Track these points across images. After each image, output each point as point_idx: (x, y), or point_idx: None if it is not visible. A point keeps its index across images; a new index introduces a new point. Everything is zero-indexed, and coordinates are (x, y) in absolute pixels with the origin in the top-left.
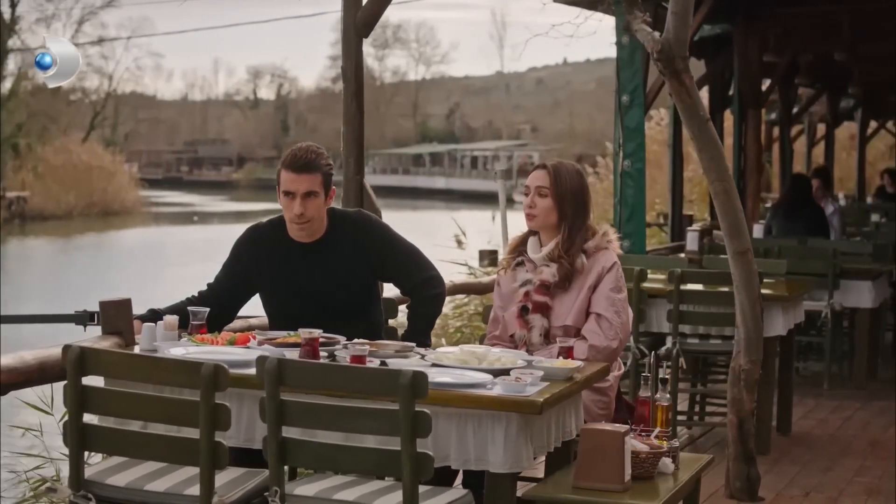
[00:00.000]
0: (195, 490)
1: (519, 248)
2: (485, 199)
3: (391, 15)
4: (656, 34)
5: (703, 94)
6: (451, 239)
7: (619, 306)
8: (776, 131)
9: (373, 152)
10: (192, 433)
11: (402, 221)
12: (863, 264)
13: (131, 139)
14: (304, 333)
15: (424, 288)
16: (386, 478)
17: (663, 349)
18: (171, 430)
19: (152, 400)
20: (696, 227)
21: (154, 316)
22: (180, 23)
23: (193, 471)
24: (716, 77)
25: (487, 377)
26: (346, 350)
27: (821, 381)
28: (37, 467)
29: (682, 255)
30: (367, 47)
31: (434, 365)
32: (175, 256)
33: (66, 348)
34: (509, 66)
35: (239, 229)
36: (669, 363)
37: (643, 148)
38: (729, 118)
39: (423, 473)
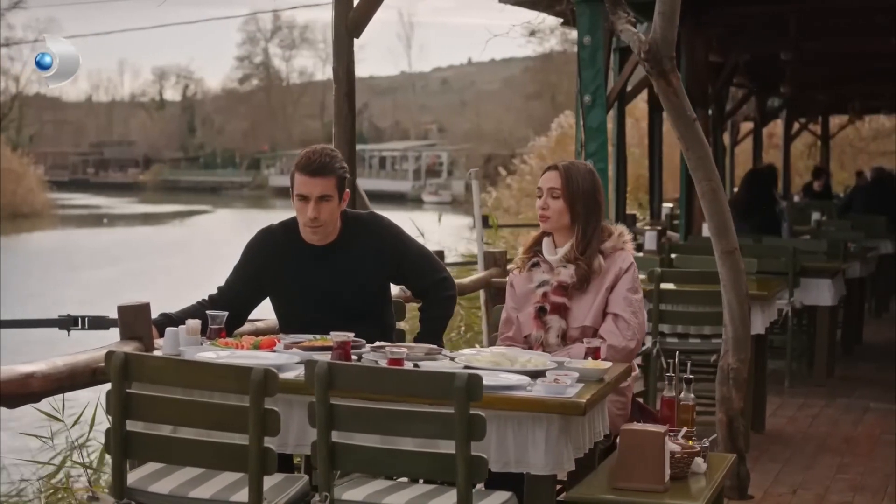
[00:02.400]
0: (240, 496)
1: (533, 248)
2: (394, 199)
3: (298, 15)
4: (641, 35)
5: (644, 94)
6: None
7: (636, 307)
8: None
9: (280, 153)
10: (234, 438)
11: None
12: (818, 262)
13: (37, 141)
14: (336, 336)
15: (437, 290)
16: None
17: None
18: (200, 434)
19: (199, 406)
20: (646, 226)
21: (167, 321)
22: (87, 25)
23: (233, 476)
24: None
25: (525, 379)
26: (374, 353)
27: (782, 378)
28: (49, 475)
29: (641, 254)
30: (274, 48)
31: (466, 367)
32: (86, 259)
33: (110, 355)
34: (416, 65)
35: (147, 231)
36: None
37: (605, 147)
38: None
39: (477, 476)
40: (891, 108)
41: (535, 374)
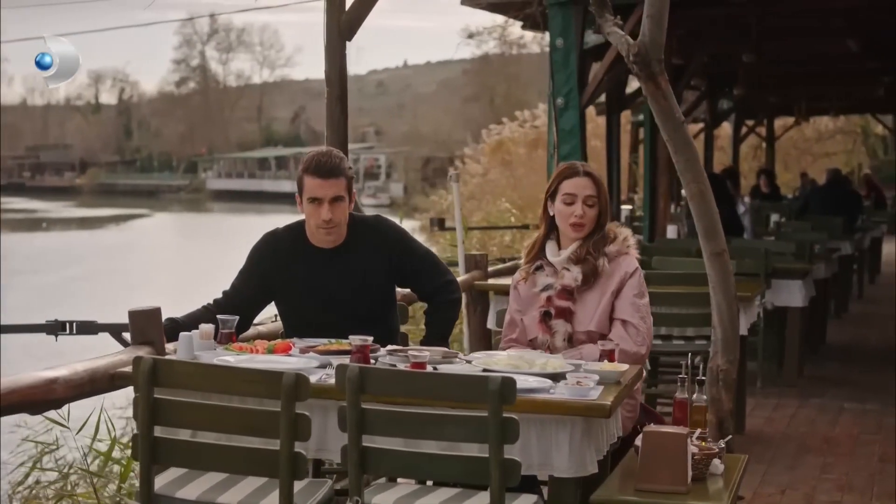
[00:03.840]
0: (268, 501)
1: (536, 252)
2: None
3: (235, 18)
4: (629, 38)
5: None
6: None
7: (644, 311)
8: (642, 132)
9: (218, 156)
10: (253, 442)
11: (247, 226)
12: (788, 264)
13: None
14: (355, 340)
15: (443, 292)
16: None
17: None
18: (220, 439)
19: (229, 411)
20: None
21: (174, 325)
22: (23, 28)
23: (258, 481)
24: (611, 79)
25: (546, 382)
26: (390, 356)
27: (754, 379)
28: (53, 482)
29: None
30: (211, 51)
31: (485, 370)
32: (24, 264)
33: (138, 360)
34: (352, 68)
35: (84, 236)
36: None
37: (579, 150)
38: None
39: (510, 480)
40: (839, 109)
41: (555, 377)
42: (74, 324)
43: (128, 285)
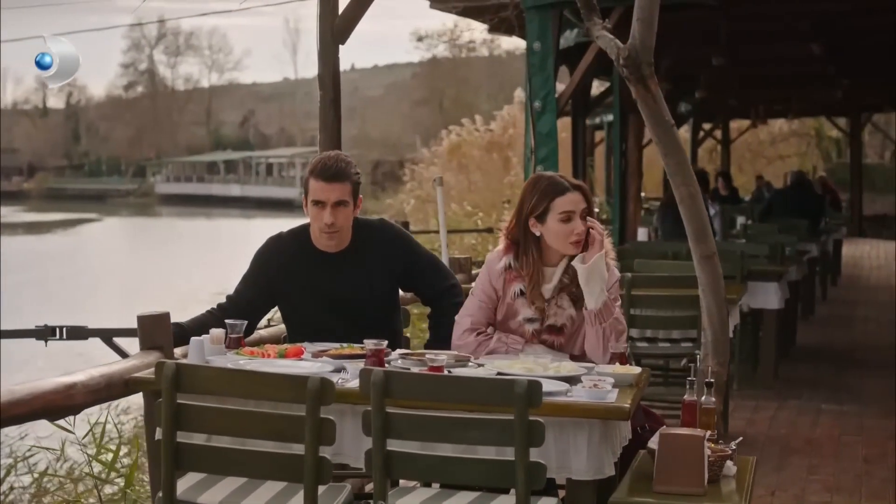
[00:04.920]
0: None
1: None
2: (282, 205)
3: (183, 22)
4: (618, 42)
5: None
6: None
7: (618, 313)
8: (598, 135)
9: (166, 160)
10: (273, 446)
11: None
12: (763, 266)
13: None
14: (370, 344)
15: (447, 296)
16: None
17: None
18: (235, 443)
19: (253, 416)
20: None
21: (179, 330)
22: None
23: (278, 485)
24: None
25: (563, 385)
26: (402, 360)
27: (730, 381)
28: (59, 487)
29: None
30: (159, 54)
31: (499, 374)
32: None
33: (161, 365)
34: (299, 72)
35: (32, 240)
36: None
37: (556, 153)
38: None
39: (535, 483)
40: (797, 112)
41: (570, 380)
42: (64, 329)
43: (79, 290)
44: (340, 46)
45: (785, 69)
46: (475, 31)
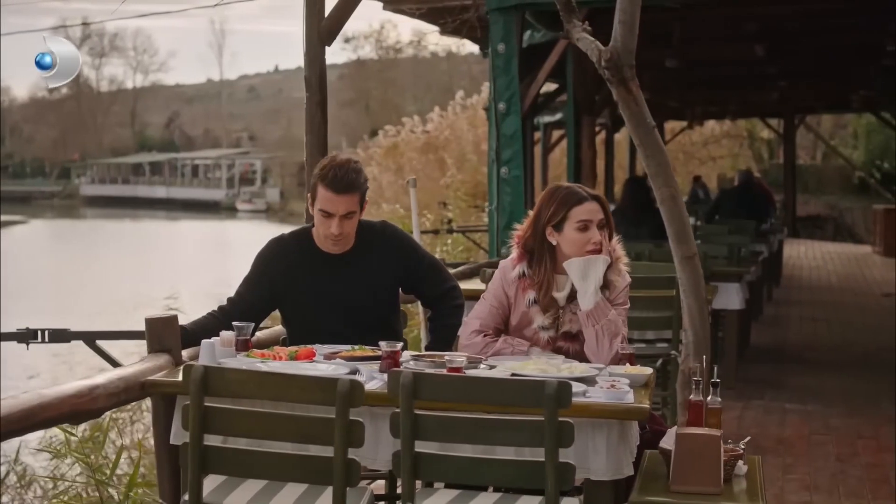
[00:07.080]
0: None
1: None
2: (207, 207)
3: (108, 23)
4: (600, 44)
5: None
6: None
7: (614, 315)
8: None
9: (91, 161)
10: (286, 447)
11: (122, 232)
12: (724, 267)
13: None
14: (385, 346)
15: (448, 299)
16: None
17: None
18: (252, 445)
19: (281, 418)
20: None
21: (183, 333)
22: None
23: (300, 487)
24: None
25: (580, 385)
26: (415, 362)
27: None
28: (62, 491)
29: None
30: (84, 55)
31: (513, 375)
32: None
33: (188, 368)
34: (224, 73)
35: None
36: None
37: (520, 155)
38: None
39: (565, 483)
40: (734, 113)
41: (585, 381)
42: (47, 332)
43: (7, 293)
44: (238, 48)
45: (727, 70)
46: (401, 33)
